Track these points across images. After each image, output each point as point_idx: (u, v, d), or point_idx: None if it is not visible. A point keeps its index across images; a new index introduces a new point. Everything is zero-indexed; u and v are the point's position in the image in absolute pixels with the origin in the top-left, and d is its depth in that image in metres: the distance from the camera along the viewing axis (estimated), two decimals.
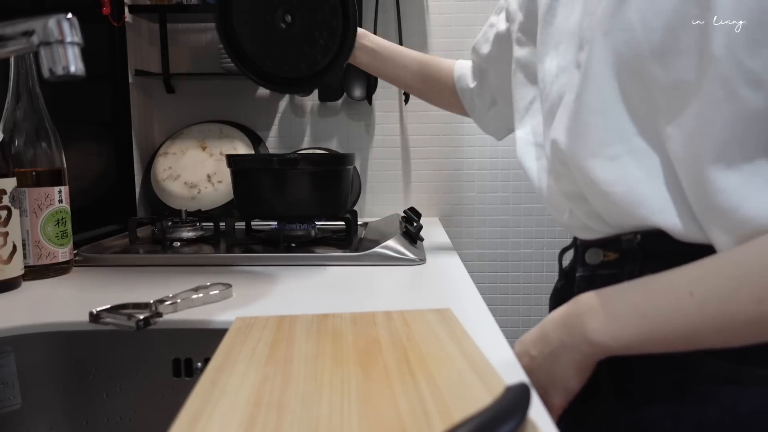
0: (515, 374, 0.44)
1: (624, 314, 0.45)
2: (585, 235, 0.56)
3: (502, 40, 0.74)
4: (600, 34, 0.47)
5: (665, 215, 0.46)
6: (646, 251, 0.49)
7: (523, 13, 0.66)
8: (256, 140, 1.35)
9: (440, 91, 0.88)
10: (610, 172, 0.48)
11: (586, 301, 0.49)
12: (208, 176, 1.27)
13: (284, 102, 1.39)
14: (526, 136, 0.63)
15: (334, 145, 1.39)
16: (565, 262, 0.66)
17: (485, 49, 0.78)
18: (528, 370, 0.53)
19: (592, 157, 0.49)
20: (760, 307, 0.39)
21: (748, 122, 0.40)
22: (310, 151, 1.07)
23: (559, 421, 0.52)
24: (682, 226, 0.46)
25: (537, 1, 0.60)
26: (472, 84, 0.84)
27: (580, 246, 0.58)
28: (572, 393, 0.50)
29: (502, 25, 0.74)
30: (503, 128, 0.85)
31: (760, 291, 0.39)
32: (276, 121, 1.39)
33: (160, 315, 0.56)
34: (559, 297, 0.66)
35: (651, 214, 0.47)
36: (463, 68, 0.86)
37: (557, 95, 0.54)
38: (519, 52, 0.66)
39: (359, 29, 0.82)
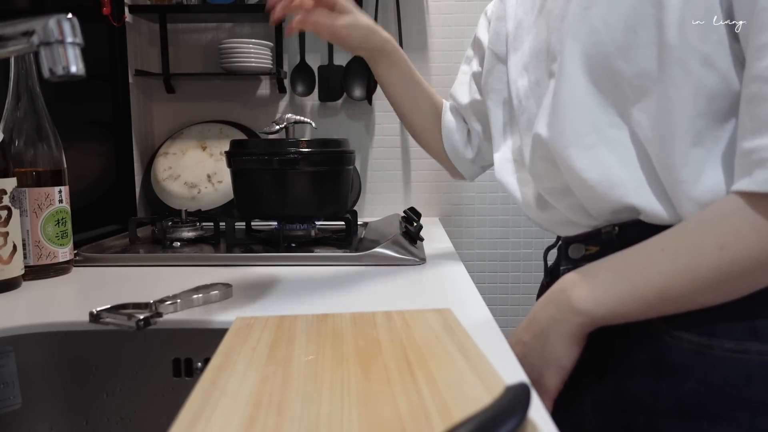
0: (515, 374, 0.44)
1: (605, 279, 0.50)
2: (567, 232, 0.60)
3: (478, 79, 0.78)
4: (570, 39, 0.52)
5: (639, 196, 0.51)
6: (624, 241, 0.52)
7: (493, 46, 0.71)
8: None
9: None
10: (586, 159, 0.53)
11: (570, 277, 0.53)
12: (208, 176, 1.27)
13: (284, 102, 1.39)
14: (503, 155, 0.69)
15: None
16: (550, 261, 0.68)
17: (464, 98, 0.80)
18: (521, 357, 0.55)
19: (570, 146, 0.53)
20: (723, 253, 0.44)
21: (707, 99, 0.46)
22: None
23: (553, 408, 0.54)
24: (654, 205, 0.50)
25: (503, 34, 0.68)
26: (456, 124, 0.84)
27: (563, 243, 0.62)
28: (566, 371, 0.53)
29: (476, 67, 0.78)
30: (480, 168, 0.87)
31: (722, 238, 0.44)
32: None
33: (160, 315, 0.56)
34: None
35: (625, 195, 0.51)
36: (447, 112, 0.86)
37: (535, 105, 0.59)
38: (490, 79, 0.71)
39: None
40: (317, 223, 1.02)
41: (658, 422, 0.50)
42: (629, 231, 0.53)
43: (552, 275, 0.65)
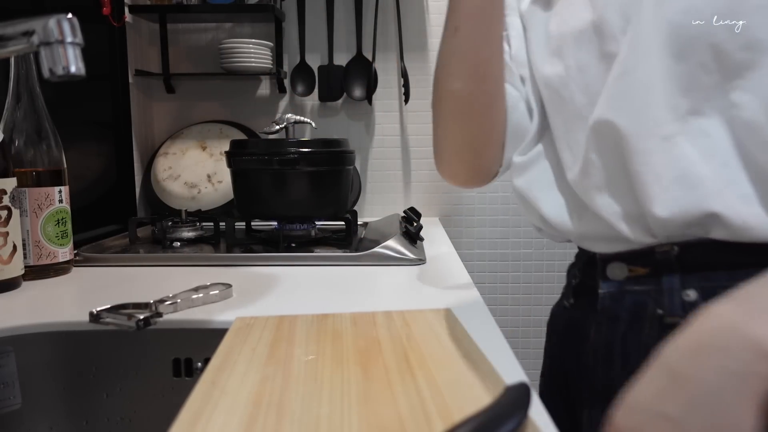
0: (515, 374, 0.44)
1: None
2: (605, 248, 0.52)
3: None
4: (650, 9, 0.45)
5: (724, 197, 0.43)
6: (684, 264, 0.46)
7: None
8: None
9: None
10: (661, 153, 0.45)
11: (730, 308, 0.34)
12: (208, 176, 1.27)
13: (284, 102, 1.39)
14: (526, 155, 0.59)
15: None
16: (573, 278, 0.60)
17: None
18: None
19: (644, 138, 0.46)
20: None
21: None
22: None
23: None
24: (744, 211, 0.42)
25: (521, 18, 0.59)
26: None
27: (599, 260, 0.53)
28: None
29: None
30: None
31: None
32: None
33: (160, 315, 0.56)
34: (569, 315, 0.59)
35: (706, 196, 0.43)
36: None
37: (581, 93, 0.51)
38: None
39: None
40: (317, 223, 1.02)
41: None
42: (692, 252, 0.45)
43: (578, 296, 0.57)
